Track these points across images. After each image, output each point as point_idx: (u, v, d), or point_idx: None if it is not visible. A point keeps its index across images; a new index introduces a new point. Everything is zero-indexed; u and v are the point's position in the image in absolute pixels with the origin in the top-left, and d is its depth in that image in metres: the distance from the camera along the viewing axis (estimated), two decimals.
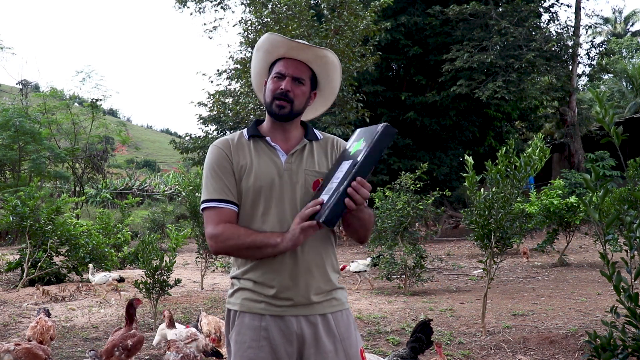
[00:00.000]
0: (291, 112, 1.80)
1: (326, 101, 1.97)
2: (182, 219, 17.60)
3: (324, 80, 1.89)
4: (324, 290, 1.76)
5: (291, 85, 1.78)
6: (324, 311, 1.75)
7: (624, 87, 25.45)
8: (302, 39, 10.00)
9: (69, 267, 8.85)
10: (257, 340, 1.71)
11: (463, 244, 14.11)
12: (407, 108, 17.79)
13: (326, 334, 1.73)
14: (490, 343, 4.72)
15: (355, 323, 1.86)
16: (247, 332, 1.73)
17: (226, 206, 1.75)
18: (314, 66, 1.84)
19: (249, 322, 1.73)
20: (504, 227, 4.96)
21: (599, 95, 2.19)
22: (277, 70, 1.81)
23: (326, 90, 1.93)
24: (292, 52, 1.80)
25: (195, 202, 8.41)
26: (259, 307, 1.73)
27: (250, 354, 1.70)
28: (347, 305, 1.84)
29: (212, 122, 17.34)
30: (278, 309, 1.72)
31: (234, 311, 1.78)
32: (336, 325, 1.76)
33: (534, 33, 16.55)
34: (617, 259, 2.57)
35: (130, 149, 40.07)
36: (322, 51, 1.82)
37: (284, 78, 1.79)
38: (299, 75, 1.80)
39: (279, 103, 1.78)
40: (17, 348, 3.53)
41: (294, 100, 1.78)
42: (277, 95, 1.78)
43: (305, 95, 1.83)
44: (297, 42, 1.79)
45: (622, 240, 7.66)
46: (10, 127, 17.05)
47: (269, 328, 1.71)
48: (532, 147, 4.69)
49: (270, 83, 1.82)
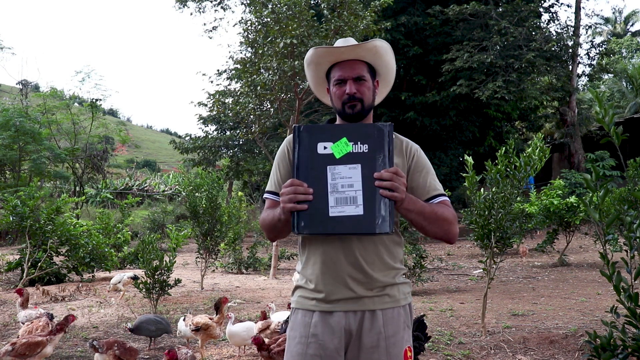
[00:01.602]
0: (363, 109, 1.82)
1: (388, 83, 1.99)
2: (182, 219, 17.61)
3: (381, 67, 1.91)
4: (375, 286, 1.76)
5: (355, 86, 1.81)
6: (373, 307, 1.76)
7: (624, 87, 25.45)
8: (302, 39, 10.01)
9: (69, 267, 8.85)
10: (305, 336, 1.76)
11: (463, 244, 14.11)
12: (407, 108, 17.80)
13: (370, 330, 1.74)
14: (490, 343, 4.72)
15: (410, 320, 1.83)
16: (298, 327, 1.79)
17: (274, 197, 1.83)
18: (368, 59, 1.86)
19: (301, 319, 1.80)
20: (504, 227, 4.96)
21: (599, 96, 2.19)
22: (336, 77, 1.84)
23: (386, 74, 1.95)
24: (342, 57, 1.83)
25: (195, 202, 8.41)
26: (310, 304, 1.79)
27: (299, 349, 1.76)
28: (402, 302, 1.82)
29: (212, 122, 17.37)
30: (327, 305, 1.76)
31: (293, 308, 1.86)
32: (384, 322, 1.76)
33: (534, 33, 16.54)
34: (617, 259, 2.57)
35: (130, 149, 40.12)
36: (369, 44, 1.83)
37: (346, 82, 1.82)
38: (358, 74, 1.82)
39: (349, 105, 1.81)
40: (15, 346, 3.53)
41: (362, 99, 1.81)
42: (345, 101, 1.81)
43: (370, 89, 1.85)
44: (344, 47, 1.81)
45: (622, 240, 7.65)
46: (10, 127, 17.05)
47: (317, 324, 1.75)
48: (532, 147, 4.69)
49: (334, 90, 1.85)
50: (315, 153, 1.62)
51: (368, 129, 1.63)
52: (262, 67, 10.83)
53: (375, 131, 1.63)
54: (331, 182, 1.60)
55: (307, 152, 1.63)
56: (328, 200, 1.59)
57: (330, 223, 1.59)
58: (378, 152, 1.61)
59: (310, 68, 1.92)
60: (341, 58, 1.84)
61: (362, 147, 1.61)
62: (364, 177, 1.59)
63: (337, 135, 1.62)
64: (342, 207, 1.58)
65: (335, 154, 1.61)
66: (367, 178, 1.59)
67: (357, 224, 1.58)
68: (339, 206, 1.59)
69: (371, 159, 1.60)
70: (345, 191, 1.59)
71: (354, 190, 1.59)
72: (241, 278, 9.74)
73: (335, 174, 1.60)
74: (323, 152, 1.62)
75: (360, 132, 1.63)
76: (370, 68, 1.87)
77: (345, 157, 1.61)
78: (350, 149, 1.61)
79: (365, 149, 1.61)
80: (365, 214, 1.57)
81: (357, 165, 1.60)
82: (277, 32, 10.24)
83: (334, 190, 1.60)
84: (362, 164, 1.60)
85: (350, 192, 1.59)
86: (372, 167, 1.59)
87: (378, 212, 1.57)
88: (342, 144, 1.62)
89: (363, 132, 1.63)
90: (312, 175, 1.61)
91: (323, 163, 1.62)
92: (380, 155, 1.60)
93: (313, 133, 1.64)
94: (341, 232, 1.61)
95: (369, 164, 1.60)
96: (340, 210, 1.59)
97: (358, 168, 1.60)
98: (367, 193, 1.58)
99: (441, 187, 1.86)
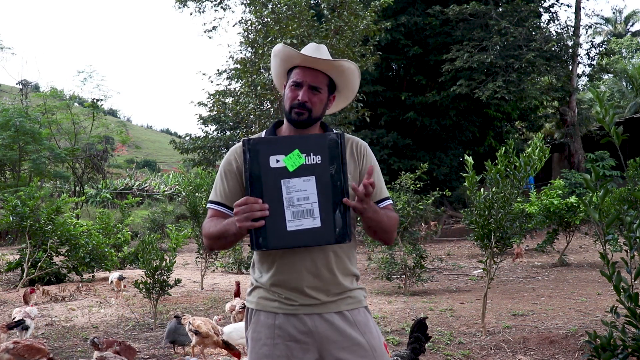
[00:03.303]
0: (310, 119, 1.81)
1: (347, 99, 1.98)
2: (182, 219, 17.60)
3: (342, 85, 1.89)
4: (335, 292, 1.77)
5: (308, 95, 1.79)
6: (338, 309, 1.77)
7: (624, 87, 25.45)
8: (302, 39, 10.01)
9: (69, 267, 8.85)
10: (271, 337, 1.74)
11: (463, 244, 14.11)
12: (407, 108, 17.79)
13: (348, 326, 1.75)
14: (490, 343, 4.72)
15: (374, 321, 1.86)
16: (262, 329, 1.77)
17: (221, 208, 1.81)
18: (331, 74, 1.84)
19: (264, 320, 1.78)
20: (504, 227, 4.96)
21: (599, 95, 2.19)
22: (294, 79, 1.82)
23: (345, 92, 1.93)
24: (307, 63, 1.81)
25: (195, 202, 8.42)
26: (273, 305, 1.77)
27: (265, 350, 1.75)
28: (364, 303, 1.85)
29: (212, 122, 17.35)
30: (291, 307, 1.75)
31: (251, 309, 1.83)
32: (355, 320, 1.78)
33: (534, 33, 16.54)
34: (617, 259, 2.57)
35: (130, 149, 40.12)
36: (337, 62, 1.81)
37: (301, 87, 1.79)
38: (315, 84, 1.80)
39: (297, 111, 1.79)
40: (16, 346, 3.53)
41: (312, 109, 1.79)
42: (294, 105, 1.79)
43: (323, 102, 1.83)
44: (310, 58, 1.78)
45: (622, 240, 7.66)
46: (10, 127, 17.05)
47: (282, 326, 1.74)
48: (532, 147, 4.69)
49: (288, 91, 1.83)
50: (267, 167, 1.59)
51: (320, 140, 1.62)
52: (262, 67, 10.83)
53: (327, 141, 1.61)
54: (286, 196, 1.59)
55: (260, 167, 1.59)
56: (285, 214, 1.59)
57: (289, 237, 1.59)
58: (331, 162, 1.60)
59: (276, 59, 1.88)
60: (305, 63, 1.81)
61: (315, 159, 1.60)
62: (319, 189, 1.59)
63: (288, 147, 1.60)
64: (300, 221, 1.59)
65: (289, 166, 1.60)
66: (322, 190, 1.59)
67: (316, 236, 1.59)
68: (296, 220, 1.59)
69: (325, 170, 1.60)
70: (301, 204, 1.59)
71: (309, 203, 1.59)
72: (241, 278, 9.74)
73: (290, 188, 1.59)
74: (276, 165, 1.59)
75: (312, 143, 1.61)
76: (330, 81, 1.85)
77: (299, 170, 1.60)
78: (303, 161, 1.60)
79: (318, 160, 1.60)
80: (322, 225, 1.59)
81: (312, 177, 1.60)
82: (277, 32, 10.25)
83: (290, 204, 1.59)
84: (316, 175, 1.60)
85: (307, 205, 1.59)
86: (326, 178, 1.59)
87: (337, 223, 1.58)
88: (294, 156, 1.60)
89: (315, 143, 1.61)
90: (267, 189, 1.59)
91: (277, 177, 1.59)
92: (333, 166, 1.60)
93: (264, 146, 1.61)
94: (301, 245, 1.61)
95: (323, 175, 1.59)
96: (298, 224, 1.59)
97: (312, 180, 1.59)
98: (323, 204, 1.58)
99: (386, 190, 1.90)
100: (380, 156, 16.20)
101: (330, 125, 1.97)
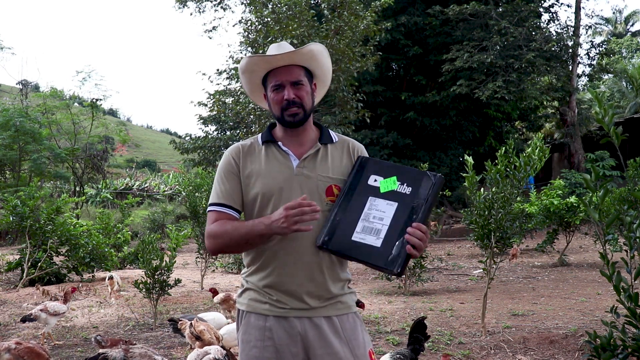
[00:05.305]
0: (305, 115, 1.80)
1: (325, 84, 1.97)
2: (182, 219, 17.61)
3: (317, 69, 1.88)
4: (325, 297, 1.78)
5: (294, 91, 1.78)
6: (328, 314, 1.77)
7: (624, 87, 25.44)
8: (302, 39, 10.00)
9: (69, 267, 8.85)
10: (261, 340, 1.75)
11: (463, 244, 14.11)
12: (407, 108, 17.79)
13: (333, 335, 1.75)
14: (490, 343, 4.72)
15: (364, 326, 1.87)
16: (252, 331, 1.77)
17: (225, 210, 1.79)
18: (304, 63, 1.83)
19: (254, 322, 1.78)
20: (504, 227, 4.96)
21: (598, 96, 2.19)
22: (273, 83, 1.80)
23: (322, 76, 1.92)
24: (278, 63, 1.80)
25: (195, 202, 8.41)
26: (263, 307, 1.77)
27: (255, 353, 1.75)
28: (354, 309, 1.85)
29: (212, 122, 17.33)
30: (282, 310, 1.75)
31: (242, 311, 1.83)
32: (342, 327, 1.78)
33: (534, 33, 16.53)
34: (617, 259, 2.57)
35: (130, 149, 40.12)
36: (304, 49, 1.81)
37: (283, 87, 1.78)
38: (295, 79, 1.79)
39: (290, 112, 1.78)
40: (18, 347, 3.52)
41: (302, 103, 1.79)
42: (284, 106, 1.78)
43: (309, 92, 1.83)
44: (279, 55, 1.77)
45: (622, 240, 7.66)
46: (10, 127, 17.06)
47: (273, 328, 1.74)
48: (531, 147, 4.69)
49: (272, 96, 1.81)
50: (365, 183, 1.75)
51: (419, 175, 1.73)
52: None
53: (424, 178, 1.72)
54: (366, 210, 1.70)
55: (360, 180, 1.76)
56: (357, 225, 1.69)
57: (349, 246, 1.68)
58: (418, 198, 1.69)
59: (245, 76, 1.87)
60: (277, 65, 1.79)
61: (406, 189, 1.71)
62: (396, 215, 1.68)
63: (389, 172, 1.76)
64: (365, 235, 1.68)
65: (381, 188, 1.74)
66: (398, 217, 1.67)
67: (371, 255, 1.66)
68: (362, 233, 1.68)
69: (409, 201, 1.69)
70: (374, 222, 1.69)
71: (381, 224, 1.68)
72: (241, 278, 9.74)
73: (372, 205, 1.71)
74: (372, 183, 1.75)
75: (410, 175, 1.74)
76: (307, 71, 1.84)
77: (388, 193, 1.72)
78: (395, 188, 1.72)
79: (408, 191, 1.71)
80: (381, 247, 1.65)
81: (395, 204, 1.70)
82: (278, 32, 10.24)
83: (365, 218, 1.70)
84: (399, 203, 1.69)
85: (378, 224, 1.68)
86: (407, 209, 1.68)
87: (394, 250, 1.64)
88: (390, 181, 1.73)
89: (412, 177, 1.73)
90: (355, 200, 1.72)
91: (368, 193, 1.74)
92: (418, 201, 1.68)
93: (371, 165, 1.79)
94: (355, 257, 1.69)
95: (405, 205, 1.69)
96: (361, 237, 1.68)
97: (394, 206, 1.70)
98: (392, 230, 1.66)
99: None
100: (380, 156, 16.18)
101: (330, 126, 1.97)
